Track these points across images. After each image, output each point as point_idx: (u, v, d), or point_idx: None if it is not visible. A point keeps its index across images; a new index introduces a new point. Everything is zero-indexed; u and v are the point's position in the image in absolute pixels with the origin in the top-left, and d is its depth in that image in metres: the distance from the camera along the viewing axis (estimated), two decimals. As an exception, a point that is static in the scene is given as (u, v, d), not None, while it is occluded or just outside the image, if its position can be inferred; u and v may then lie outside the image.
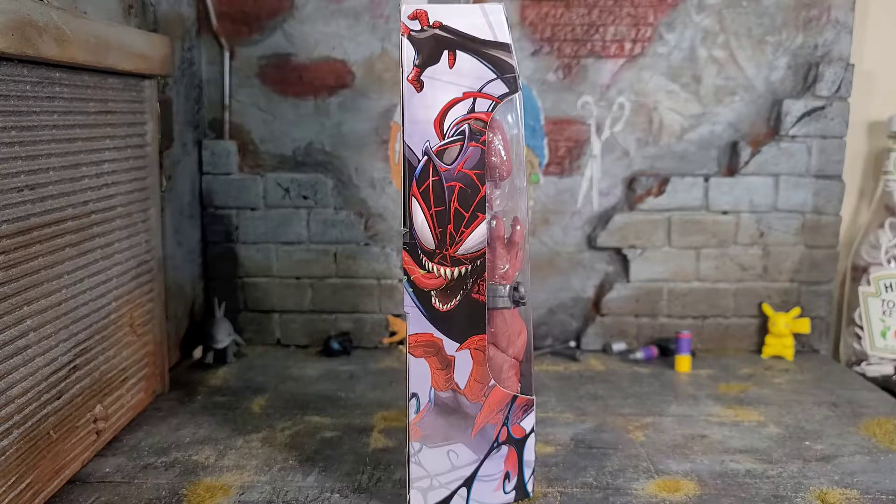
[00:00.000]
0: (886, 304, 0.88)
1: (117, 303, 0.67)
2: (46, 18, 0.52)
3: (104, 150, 0.64)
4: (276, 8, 0.89)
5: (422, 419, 0.51)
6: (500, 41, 0.49)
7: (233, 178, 0.91)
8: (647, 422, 0.70)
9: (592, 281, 0.94)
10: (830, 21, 0.88)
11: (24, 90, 0.52)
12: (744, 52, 0.89)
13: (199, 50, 0.90)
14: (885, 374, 0.88)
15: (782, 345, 0.90)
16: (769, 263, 0.92)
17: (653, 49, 0.89)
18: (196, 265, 0.92)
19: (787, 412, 0.73)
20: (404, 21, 0.48)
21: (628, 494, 0.56)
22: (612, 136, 0.91)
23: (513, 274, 0.52)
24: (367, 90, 0.91)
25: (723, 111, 0.90)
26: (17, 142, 0.51)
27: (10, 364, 0.51)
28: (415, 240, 0.49)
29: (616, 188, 0.92)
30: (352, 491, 0.57)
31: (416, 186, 0.48)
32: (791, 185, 0.90)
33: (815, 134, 0.89)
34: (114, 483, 0.58)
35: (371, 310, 0.93)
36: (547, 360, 0.90)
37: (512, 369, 0.53)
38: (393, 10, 0.89)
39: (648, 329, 0.93)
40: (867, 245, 0.91)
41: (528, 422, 0.53)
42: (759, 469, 0.61)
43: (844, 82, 0.88)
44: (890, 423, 0.70)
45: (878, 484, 0.58)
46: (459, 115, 0.48)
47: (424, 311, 0.50)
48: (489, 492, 0.53)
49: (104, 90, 0.63)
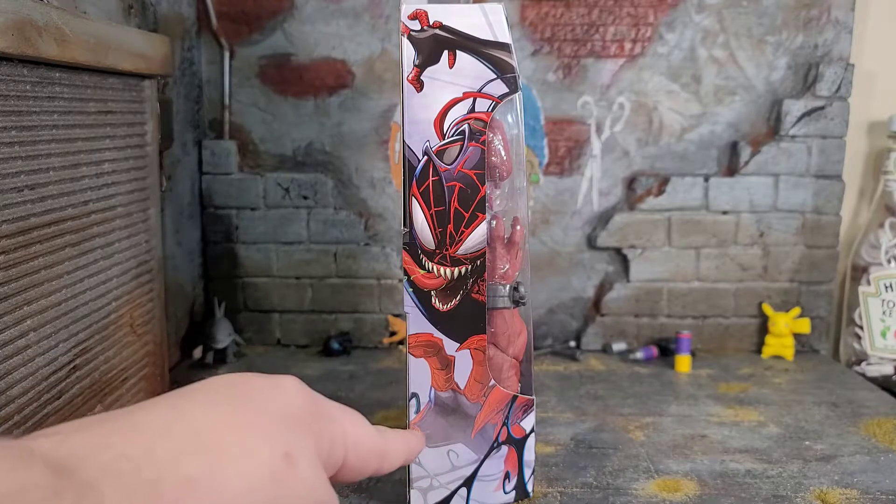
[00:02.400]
0: (886, 304, 0.88)
1: (117, 303, 0.67)
2: (46, 18, 0.52)
3: (104, 150, 0.64)
4: (276, 8, 0.89)
5: (422, 419, 0.51)
6: (500, 41, 0.49)
7: (233, 178, 0.91)
8: (647, 422, 0.70)
9: (592, 281, 0.94)
10: (830, 21, 0.88)
11: (24, 90, 0.52)
12: (744, 52, 0.89)
13: (199, 50, 0.90)
14: (885, 374, 0.88)
15: (782, 345, 0.90)
16: (769, 263, 0.92)
17: (653, 49, 0.89)
18: (196, 265, 0.92)
19: (787, 412, 0.73)
20: (404, 21, 0.48)
21: (628, 494, 0.56)
22: (612, 136, 0.91)
23: (513, 274, 0.52)
24: (367, 90, 0.91)
25: (723, 111, 0.90)
26: (17, 142, 0.51)
27: (10, 364, 0.51)
28: (415, 240, 0.49)
29: (616, 188, 0.92)
30: (352, 491, 0.57)
31: (416, 186, 0.48)
32: (791, 185, 0.90)
33: (815, 134, 0.89)
34: (114, 483, 0.58)
35: (371, 310, 0.93)
36: (547, 360, 0.90)
37: (512, 369, 0.53)
38: (393, 10, 0.89)
39: (648, 329, 0.93)
40: (867, 245, 0.90)
41: (528, 422, 0.53)
42: (759, 469, 0.61)
43: (844, 82, 0.88)
44: (890, 423, 0.70)
45: (878, 484, 0.58)
46: (459, 115, 0.48)
47: (424, 311, 0.50)
48: (489, 492, 0.53)
49: (104, 90, 0.63)
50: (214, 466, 0.24)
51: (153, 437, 0.24)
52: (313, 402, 0.31)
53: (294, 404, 0.29)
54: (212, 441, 0.25)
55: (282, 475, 0.26)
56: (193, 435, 0.25)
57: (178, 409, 0.26)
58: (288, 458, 0.27)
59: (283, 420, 0.28)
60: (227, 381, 0.29)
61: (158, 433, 0.24)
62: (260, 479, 0.26)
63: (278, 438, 0.27)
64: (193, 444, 0.25)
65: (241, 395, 0.28)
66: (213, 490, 0.24)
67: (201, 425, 0.26)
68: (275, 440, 0.27)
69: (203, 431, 0.25)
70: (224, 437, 0.26)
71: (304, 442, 0.28)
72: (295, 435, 0.28)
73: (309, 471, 0.28)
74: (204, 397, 0.28)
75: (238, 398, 0.28)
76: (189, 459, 0.24)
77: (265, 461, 0.26)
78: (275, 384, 0.30)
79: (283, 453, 0.27)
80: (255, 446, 0.26)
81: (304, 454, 0.28)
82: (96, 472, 0.22)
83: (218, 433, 0.26)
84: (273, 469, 0.26)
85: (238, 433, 0.26)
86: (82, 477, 0.21)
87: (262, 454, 0.26)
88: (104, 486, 0.21)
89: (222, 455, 0.25)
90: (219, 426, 0.26)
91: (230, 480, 0.25)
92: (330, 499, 0.29)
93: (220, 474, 0.25)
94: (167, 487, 0.23)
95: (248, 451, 0.26)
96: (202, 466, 0.24)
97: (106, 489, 0.21)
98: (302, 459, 0.28)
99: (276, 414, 0.28)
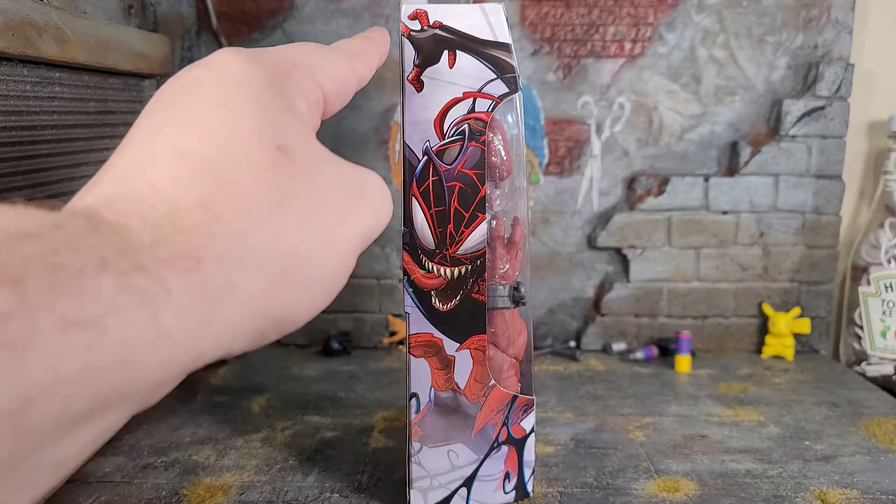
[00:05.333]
0: (886, 304, 0.88)
1: (117, 303, 0.67)
2: (46, 18, 0.52)
3: (104, 150, 0.64)
4: (276, 8, 0.89)
5: (422, 419, 0.51)
6: (500, 41, 0.49)
7: (233, 178, 0.91)
8: (647, 422, 0.70)
9: (592, 281, 0.94)
10: (830, 21, 0.88)
11: (24, 90, 0.52)
12: (744, 52, 0.89)
13: (199, 50, 0.90)
14: (885, 374, 0.88)
15: (782, 345, 0.90)
16: (769, 263, 0.92)
17: (653, 49, 0.89)
18: (196, 265, 0.91)
19: (787, 412, 0.73)
20: (404, 21, 0.48)
21: (628, 494, 0.56)
22: (612, 136, 0.91)
23: (513, 274, 0.52)
24: (367, 90, 0.91)
25: (723, 111, 0.90)
26: (17, 142, 0.51)
27: (10, 364, 0.50)
28: (415, 240, 0.49)
29: (616, 188, 0.92)
30: (352, 491, 0.57)
31: (416, 186, 0.48)
32: (791, 185, 0.90)
33: (815, 134, 0.89)
34: (113, 483, 0.58)
35: (371, 310, 0.93)
36: (547, 360, 0.90)
37: (512, 369, 0.53)
38: (393, 10, 0.89)
39: (648, 329, 0.93)
40: (867, 245, 0.90)
41: (528, 422, 0.53)
42: (759, 469, 0.61)
43: (844, 82, 0.88)
44: (890, 423, 0.70)
45: (878, 484, 0.58)
46: (459, 115, 0.48)
47: (424, 311, 0.50)
48: (489, 492, 0.53)
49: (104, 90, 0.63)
50: (217, 182, 0.23)
51: (148, 175, 0.23)
52: (264, 64, 0.28)
53: (247, 79, 0.27)
54: (200, 158, 0.24)
55: (284, 167, 0.25)
56: (179, 157, 0.24)
57: (150, 139, 0.24)
58: (281, 150, 0.25)
59: (251, 104, 0.26)
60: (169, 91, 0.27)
61: (148, 170, 0.23)
62: (266, 179, 0.24)
63: (261, 131, 0.25)
64: (185, 166, 0.23)
65: (194, 99, 0.26)
66: (228, 206, 0.23)
67: (181, 146, 0.24)
68: (259, 135, 0.25)
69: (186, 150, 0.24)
70: (209, 150, 0.24)
71: (284, 118, 0.27)
72: (272, 116, 0.26)
73: (305, 155, 0.26)
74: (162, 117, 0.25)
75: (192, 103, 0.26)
76: (190, 183, 0.23)
77: (260, 160, 0.25)
78: (213, 69, 0.27)
79: (275, 147, 0.25)
80: (244, 149, 0.24)
81: (292, 134, 0.26)
82: (119, 215, 0.21)
83: (201, 147, 0.24)
84: (272, 163, 0.25)
85: (220, 141, 0.24)
86: (110, 218, 0.21)
87: (254, 155, 0.24)
88: (132, 223, 0.21)
89: (217, 168, 0.24)
90: (196, 139, 0.24)
91: (240, 192, 0.24)
92: (341, 166, 0.28)
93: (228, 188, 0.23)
94: (185, 215, 0.22)
95: (240, 156, 0.24)
96: (206, 186, 0.23)
97: (134, 225, 0.21)
98: (296, 147, 0.26)
99: (239, 101, 0.26)
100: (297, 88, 0.29)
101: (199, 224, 0.22)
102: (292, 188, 0.25)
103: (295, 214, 0.25)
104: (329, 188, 0.27)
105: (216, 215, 0.23)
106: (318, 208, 0.26)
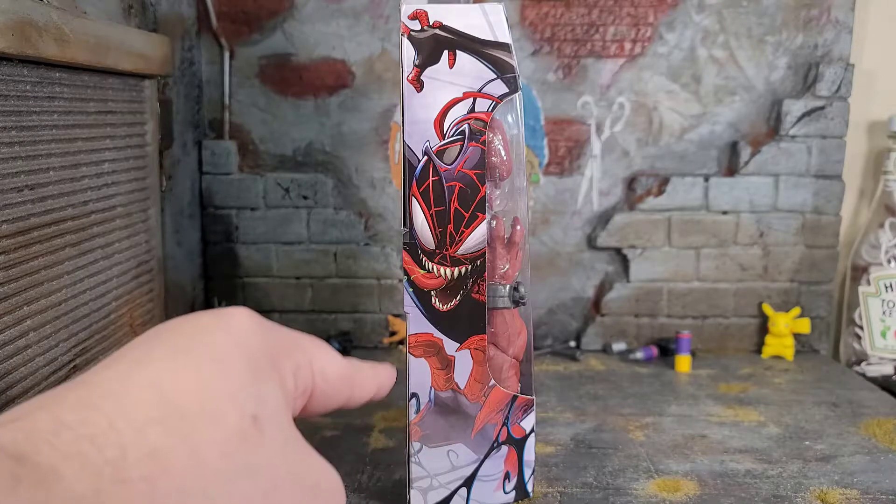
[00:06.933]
0: (886, 304, 0.88)
1: (117, 303, 0.67)
2: (46, 18, 0.52)
3: (104, 150, 0.64)
4: (276, 8, 0.89)
5: (422, 419, 0.51)
6: (500, 41, 0.49)
7: (233, 179, 0.91)
8: (647, 422, 0.70)
9: (592, 281, 0.94)
10: (830, 21, 0.88)
11: (24, 90, 0.52)
12: (744, 52, 0.89)
13: (199, 50, 0.90)
14: (885, 374, 0.88)
15: (782, 345, 0.90)
16: (769, 263, 0.92)
17: (653, 49, 0.89)
18: (196, 265, 0.92)
19: (787, 412, 0.73)
20: (404, 21, 0.48)
21: (628, 494, 0.56)
22: (612, 136, 0.91)
23: (513, 274, 0.52)
24: (367, 90, 0.91)
25: (723, 111, 0.90)
26: (17, 142, 0.51)
27: (10, 364, 0.51)
28: (415, 240, 0.49)
29: (616, 188, 0.92)
30: (352, 491, 0.57)
31: (416, 186, 0.48)
32: (791, 185, 0.90)
33: (815, 134, 0.89)
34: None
35: (371, 310, 0.93)
36: (547, 360, 0.90)
37: (512, 369, 0.53)
38: (393, 10, 0.89)
39: (648, 329, 0.93)
40: (867, 245, 0.91)
41: (528, 422, 0.53)
42: (759, 469, 0.61)
43: (844, 82, 0.88)
44: (890, 423, 0.70)
45: (878, 484, 0.58)
46: (459, 115, 0.48)
47: (424, 311, 0.50)
48: (489, 492, 0.53)
49: (104, 90, 0.63)
50: (180, 435, 0.23)
51: (113, 409, 0.22)
52: (270, 335, 0.29)
53: (250, 343, 0.27)
54: (174, 405, 0.23)
55: (253, 439, 0.25)
56: (155, 399, 0.23)
57: (135, 370, 0.24)
58: (255, 420, 0.25)
59: (244, 368, 0.26)
60: (175, 328, 0.27)
61: (117, 403, 0.23)
62: (232, 446, 0.24)
63: (244, 397, 0.25)
64: (156, 410, 0.23)
65: (196, 344, 0.26)
66: (181, 462, 0.22)
67: (161, 386, 0.24)
68: (241, 400, 0.25)
69: (164, 393, 0.24)
70: (187, 400, 0.24)
71: (270, 391, 0.27)
72: (259, 386, 0.26)
73: (277, 433, 0.26)
74: (159, 351, 0.26)
75: (192, 348, 0.26)
76: (153, 429, 0.22)
77: (234, 425, 0.24)
78: (224, 322, 0.27)
79: (251, 416, 0.25)
80: (220, 409, 0.24)
81: (271, 409, 0.26)
82: (56, 455, 0.20)
83: (180, 394, 0.24)
84: (243, 432, 0.24)
85: (201, 394, 0.24)
86: (42, 461, 0.20)
87: (230, 418, 0.24)
88: (65, 469, 0.20)
89: (187, 422, 0.23)
90: (180, 385, 0.24)
91: (200, 450, 0.23)
92: (305, 456, 0.28)
93: (188, 444, 0.23)
94: (132, 464, 0.21)
95: (215, 415, 0.24)
96: (167, 437, 0.22)
97: (67, 472, 0.20)
98: (270, 422, 0.26)
99: (235, 361, 0.26)
100: (291, 368, 0.29)
101: (144, 477, 0.21)
102: (252, 464, 0.25)
103: (244, 490, 0.25)
104: (286, 477, 0.27)
105: (165, 469, 0.22)
106: (267, 494, 0.26)
